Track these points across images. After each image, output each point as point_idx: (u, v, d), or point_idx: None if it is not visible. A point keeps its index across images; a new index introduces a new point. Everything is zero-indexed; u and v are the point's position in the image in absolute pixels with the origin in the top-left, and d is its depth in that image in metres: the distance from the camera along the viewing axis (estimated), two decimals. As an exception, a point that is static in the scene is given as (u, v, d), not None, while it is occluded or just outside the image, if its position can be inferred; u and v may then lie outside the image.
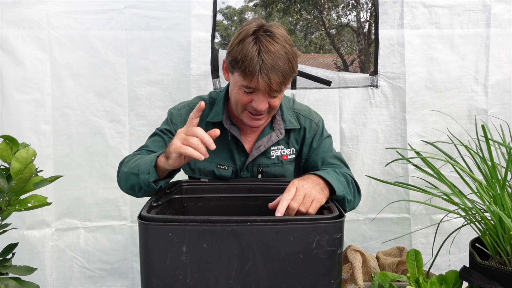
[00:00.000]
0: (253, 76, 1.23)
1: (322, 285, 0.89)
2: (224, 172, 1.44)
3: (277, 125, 1.46)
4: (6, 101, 2.01)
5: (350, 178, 1.32)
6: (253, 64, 1.23)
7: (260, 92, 1.28)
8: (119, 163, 1.37)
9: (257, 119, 1.35)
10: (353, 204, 1.31)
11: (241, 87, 1.29)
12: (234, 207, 1.28)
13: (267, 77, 1.23)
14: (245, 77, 1.26)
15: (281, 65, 1.24)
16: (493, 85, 2.19)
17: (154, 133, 1.48)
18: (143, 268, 0.89)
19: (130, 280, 2.24)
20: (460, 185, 1.04)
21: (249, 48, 1.25)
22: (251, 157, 1.44)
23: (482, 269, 0.92)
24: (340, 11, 2.37)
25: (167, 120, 1.50)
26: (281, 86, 1.27)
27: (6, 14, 1.98)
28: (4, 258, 0.98)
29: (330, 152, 1.49)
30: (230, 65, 1.33)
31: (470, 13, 2.15)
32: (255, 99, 1.30)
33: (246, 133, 1.47)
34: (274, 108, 1.35)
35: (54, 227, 2.14)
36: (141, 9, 2.07)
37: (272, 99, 1.31)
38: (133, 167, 1.24)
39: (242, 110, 1.35)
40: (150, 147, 1.41)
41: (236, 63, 1.27)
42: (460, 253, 2.23)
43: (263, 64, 1.23)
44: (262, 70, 1.23)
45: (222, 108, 1.44)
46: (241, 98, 1.31)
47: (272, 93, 1.28)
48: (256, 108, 1.30)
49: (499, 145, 1.04)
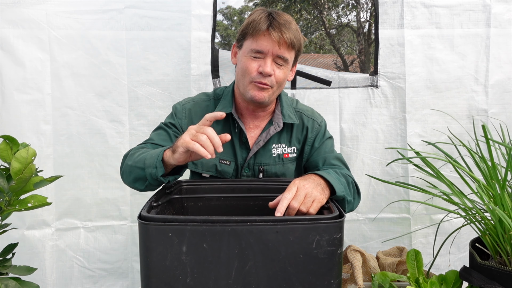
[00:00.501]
0: (265, 29, 1.30)
1: (322, 285, 0.89)
2: (227, 167, 1.45)
3: (276, 119, 1.47)
4: (6, 101, 2.01)
5: (351, 179, 1.33)
6: (264, 21, 1.31)
7: (267, 56, 1.33)
8: (123, 156, 1.37)
9: (262, 88, 1.36)
10: (352, 206, 1.32)
11: (251, 52, 1.34)
12: (234, 207, 1.28)
13: (278, 29, 1.30)
14: (256, 35, 1.32)
15: (291, 27, 1.33)
16: (493, 85, 2.19)
17: (159, 126, 1.49)
18: (143, 268, 0.89)
19: (130, 280, 2.24)
20: (460, 185, 1.04)
21: (259, 13, 1.34)
22: (252, 152, 1.45)
23: (482, 269, 0.92)
24: (340, 11, 2.37)
25: (171, 114, 1.52)
26: (289, 46, 1.33)
27: (6, 14, 1.98)
28: (4, 258, 0.98)
29: (332, 153, 1.49)
30: (240, 37, 1.39)
31: (470, 13, 2.15)
32: (262, 64, 1.34)
33: (249, 127, 1.49)
34: (277, 82, 1.37)
35: (54, 227, 2.14)
36: (141, 9, 2.07)
37: (277, 68, 1.35)
38: (138, 160, 1.23)
39: (249, 81, 1.37)
40: (155, 140, 1.41)
41: (246, 28, 1.34)
42: (460, 253, 2.23)
43: (274, 21, 1.31)
44: (273, 24, 1.30)
45: (230, 100, 1.46)
46: (249, 64, 1.35)
47: (281, 50, 1.32)
48: (263, 71, 1.32)
49: (499, 145, 1.04)
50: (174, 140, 1.43)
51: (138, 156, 1.26)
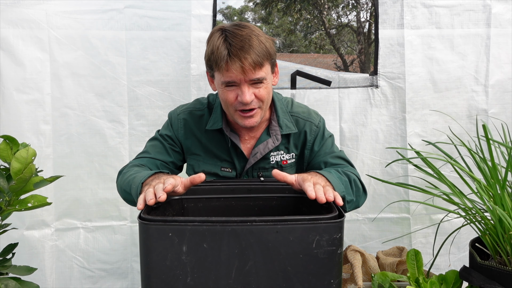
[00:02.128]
0: (224, 62, 1.21)
1: (322, 285, 0.89)
2: (228, 174, 1.45)
3: (273, 131, 1.43)
4: (6, 101, 2.01)
5: (354, 176, 1.30)
6: (222, 51, 1.21)
7: (241, 84, 1.26)
8: (118, 172, 1.38)
9: (249, 116, 1.32)
10: (357, 203, 1.30)
11: (223, 84, 1.28)
12: (234, 207, 1.28)
13: (237, 58, 1.20)
14: (220, 69, 1.24)
15: (251, 44, 1.22)
16: (494, 85, 2.19)
17: (155, 137, 1.48)
18: (143, 268, 0.89)
19: (130, 280, 2.23)
20: (460, 185, 1.04)
21: (216, 39, 1.25)
22: (249, 164, 1.44)
23: (482, 269, 0.92)
24: (340, 11, 2.37)
25: (167, 124, 1.50)
26: (256, 68, 1.23)
27: (6, 14, 1.97)
28: (4, 258, 0.98)
29: (333, 152, 1.46)
30: (208, 68, 1.32)
31: (470, 13, 2.14)
32: (239, 92, 1.27)
33: (244, 139, 1.46)
34: (263, 100, 1.31)
35: (54, 227, 2.13)
36: (141, 9, 2.07)
37: (256, 89, 1.28)
38: (126, 184, 1.24)
39: (233, 110, 1.32)
40: (151, 154, 1.41)
41: (209, 61, 1.27)
42: (460, 253, 2.23)
43: (231, 47, 1.21)
44: (231, 53, 1.21)
45: (220, 115, 1.42)
46: (227, 96, 1.29)
47: (250, 76, 1.24)
48: (242, 101, 1.27)
49: (499, 145, 1.04)
50: (170, 153, 1.43)
51: (127, 178, 1.25)
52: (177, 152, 1.46)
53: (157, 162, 1.39)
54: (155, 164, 1.39)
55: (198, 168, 1.46)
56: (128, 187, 1.21)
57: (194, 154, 1.47)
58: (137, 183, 1.15)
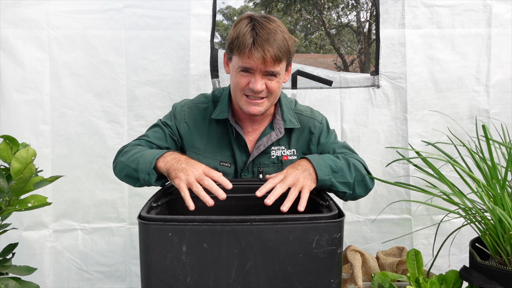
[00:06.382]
0: (248, 49, 1.26)
1: (322, 285, 0.88)
2: (227, 169, 1.46)
3: (277, 124, 1.46)
4: (5, 101, 2.01)
5: (354, 160, 1.32)
6: (247, 38, 1.27)
7: (256, 72, 1.30)
8: (118, 151, 1.41)
9: (255, 104, 1.35)
10: (366, 188, 1.32)
11: (239, 69, 1.32)
12: (234, 207, 1.28)
13: (261, 48, 1.25)
14: (241, 54, 1.28)
15: (276, 39, 1.27)
16: (495, 85, 2.19)
17: (156, 124, 1.50)
18: (143, 268, 0.89)
19: (127, 283, 2.21)
20: (460, 185, 1.04)
21: (244, 26, 1.29)
22: (252, 156, 1.45)
23: (482, 269, 0.91)
24: (340, 11, 2.37)
25: (170, 114, 1.52)
26: (275, 62, 1.28)
27: (6, 14, 1.97)
28: (4, 258, 0.98)
29: (337, 143, 1.50)
30: (228, 50, 1.36)
31: (471, 12, 2.14)
32: (252, 80, 1.31)
33: (247, 131, 1.48)
34: (272, 93, 1.35)
35: (52, 229, 2.12)
36: (140, 9, 2.07)
37: (269, 80, 1.33)
38: (132, 160, 1.27)
39: (241, 95, 1.36)
40: (150, 138, 1.43)
41: (232, 44, 1.31)
42: (461, 254, 2.22)
43: (257, 37, 1.26)
44: (256, 42, 1.26)
45: (227, 105, 1.45)
46: (239, 80, 1.33)
47: (268, 67, 1.29)
48: (253, 89, 1.31)
49: (499, 145, 1.04)
50: (169, 140, 1.46)
51: (132, 155, 1.29)
52: (174, 141, 1.48)
53: (153, 147, 1.42)
54: (152, 148, 1.42)
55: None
56: (134, 164, 1.25)
57: (194, 147, 1.47)
58: (149, 158, 1.21)
